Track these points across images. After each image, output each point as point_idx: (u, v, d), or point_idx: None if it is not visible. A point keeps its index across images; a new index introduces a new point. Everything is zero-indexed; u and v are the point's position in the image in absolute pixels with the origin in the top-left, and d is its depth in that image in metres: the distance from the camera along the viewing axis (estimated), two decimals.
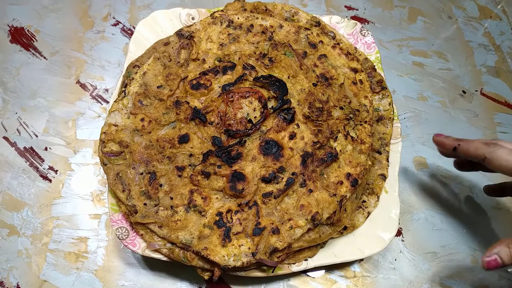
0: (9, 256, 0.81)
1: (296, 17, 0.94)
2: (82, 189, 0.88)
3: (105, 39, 1.06)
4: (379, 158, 0.84)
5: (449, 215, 0.92)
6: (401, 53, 1.12)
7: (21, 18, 1.07)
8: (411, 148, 0.99)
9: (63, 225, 0.84)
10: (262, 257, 0.68)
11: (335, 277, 0.83)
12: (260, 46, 0.88)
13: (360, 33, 0.95)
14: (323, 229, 0.73)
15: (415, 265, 0.86)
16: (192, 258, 0.70)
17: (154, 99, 0.81)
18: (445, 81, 1.09)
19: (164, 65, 0.84)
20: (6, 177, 0.88)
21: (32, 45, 1.03)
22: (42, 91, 0.98)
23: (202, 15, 0.95)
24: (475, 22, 1.19)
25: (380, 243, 0.77)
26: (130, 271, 0.81)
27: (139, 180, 0.74)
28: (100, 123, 0.94)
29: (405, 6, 1.19)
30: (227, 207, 0.73)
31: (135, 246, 0.73)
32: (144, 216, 0.71)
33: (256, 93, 0.81)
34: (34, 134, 0.93)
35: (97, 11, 1.09)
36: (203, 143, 0.78)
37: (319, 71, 0.86)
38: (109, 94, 0.98)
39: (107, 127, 0.77)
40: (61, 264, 0.81)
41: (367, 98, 0.84)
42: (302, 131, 0.78)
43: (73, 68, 1.01)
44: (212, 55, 0.86)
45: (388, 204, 0.80)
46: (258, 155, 0.76)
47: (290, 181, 0.73)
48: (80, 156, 0.91)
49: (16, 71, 1.00)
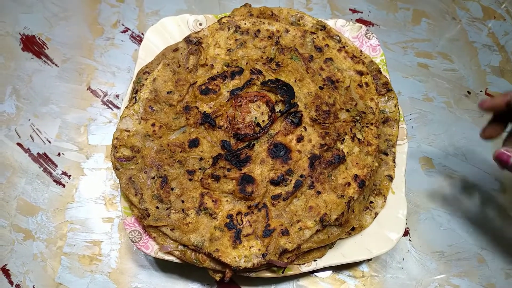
0: (25, 260, 0.83)
1: (301, 21, 0.95)
2: (94, 193, 0.90)
3: (114, 45, 1.08)
4: (386, 159, 0.85)
5: (455, 215, 0.93)
6: (406, 54, 1.13)
7: (32, 27, 1.09)
8: (417, 148, 1.00)
9: (77, 229, 0.86)
10: (272, 258, 0.69)
11: (344, 277, 0.85)
12: (267, 51, 0.90)
13: (365, 36, 0.96)
14: (331, 230, 0.74)
15: (422, 265, 0.87)
16: (203, 259, 0.72)
17: (164, 104, 0.83)
18: (450, 82, 1.10)
19: (174, 71, 0.86)
20: (20, 182, 0.90)
21: (43, 52, 1.06)
22: (54, 97, 1.00)
23: (210, 21, 0.96)
24: (479, 23, 1.20)
25: (388, 243, 0.78)
26: (143, 273, 0.83)
27: (151, 184, 0.76)
28: (111, 129, 0.96)
29: (409, 8, 1.20)
30: (237, 210, 0.74)
31: (148, 249, 0.75)
32: (156, 219, 0.73)
33: (263, 97, 0.82)
34: (47, 140, 0.95)
35: (106, 18, 1.11)
36: (213, 147, 0.80)
37: (325, 75, 0.87)
38: (119, 99, 1.00)
39: (119, 133, 0.79)
40: (76, 267, 0.83)
41: (373, 100, 0.86)
42: (310, 133, 0.80)
43: (84, 74, 1.03)
44: (220, 61, 0.88)
45: (395, 205, 0.82)
46: (267, 158, 0.78)
47: (298, 183, 0.75)
48: (92, 161, 0.93)
49: (29, 78, 1.02)
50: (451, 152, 1.00)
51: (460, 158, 0.99)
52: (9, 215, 0.87)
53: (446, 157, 0.99)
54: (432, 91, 1.08)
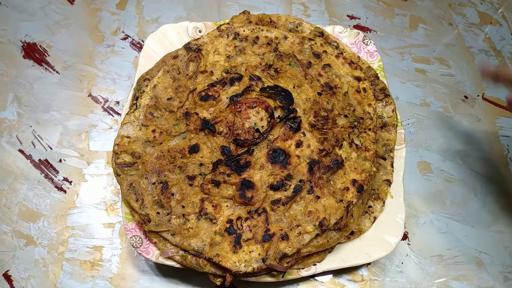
0: (27, 265, 0.84)
1: (300, 28, 0.97)
2: (95, 199, 0.91)
3: (115, 53, 1.09)
4: (384, 164, 0.86)
5: (453, 219, 0.93)
6: (403, 60, 1.14)
7: (33, 34, 1.10)
8: (415, 153, 1.01)
9: (78, 235, 0.87)
10: (272, 262, 0.70)
11: (343, 281, 0.85)
12: (265, 57, 0.91)
13: (362, 42, 0.97)
14: (330, 235, 0.75)
15: (421, 268, 0.88)
16: (204, 264, 0.72)
17: (164, 111, 0.84)
18: (447, 86, 1.11)
19: (174, 77, 0.87)
20: (22, 188, 0.91)
21: (44, 60, 1.07)
22: (55, 104, 1.01)
23: (209, 28, 0.98)
24: (476, 28, 1.21)
25: (387, 247, 0.79)
26: (144, 278, 0.83)
27: (151, 190, 0.77)
28: (112, 135, 0.97)
29: (406, 14, 1.22)
30: (237, 215, 0.75)
31: (149, 254, 0.75)
32: (157, 224, 0.74)
33: (263, 103, 0.83)
34: (48, 146, 0.96)
35: (107, 25, 1.13)
36: (213, 152, 0.80)
37: (323, 81, 0.88)
38: (120, 106, 1.01)
39: (120, 139, 0.80)
40: (77, 272, 0.83)
41: (370, 106, 0.87)
42: (308, 139, 0.81)
43: (85, 81, 1.04)
44: (220, 67, 0.89)
45: (393, 209, 0.82)
46: (266, 163, 0.78)
47: (297, 188, 0.76)
48: (93, 167, 0.94)
49: (30, 85, 1.03)
50: (449, 157, 1.01)
51: (457, 163, 1.00)
52: (11, 221, 0.87)
53: (444, 161, 1.00)
54: (430, 96, 1.09)
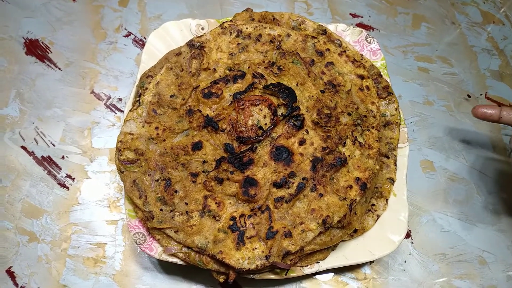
0: (30, 262, 0.84)
1: (303, 25, 0.96)
2: (98, 196, 0.90)
3: (117, 50, 1.09)
4: (387, 162, 0.86)
5: (456, 217, 0.93)
6: (406, 59, 1.14)
7: (35, 31, 1.10)
8: (418, 151, 1.01)
9: (81, 231, 0.87)
10: (275, 260, 0.70)
11: (346, 279, 0.85)
12: (268, 55, 0.91)
13: (365, 40, 0.97)
14: (334, 232, 0.75)
15: (424, 267, 0.88)
16: (207, 261, 0.72)
17: (167, 108, 0.84)
18: (450, 85, 1.11)
19: (176, 75, 0.87)
20: (25, 185, 0.91)
21: (47, 56, 1.07)
22: (57, 101, 1.01)
23: (212, 25, 0.97)
24: (478, 27, 1.21)
25: (390, 245, 0.79)
26: (147, 275, 0.83)
27: (155, 187, 0.77)
28: (115, 132, 0.97)
29: (408, 12, 1.22)
30: (240, 212, 0.75)
31: (152, 251, 0.75)
32: (160, 221, 0.74)
33: (266, 101, 0.83)
34: (51, 143, 0.96)
35: (109, 22, 1.12)
36: (216, 150, 0.80)
37: (326, 78, 0.88)
38: (122, 103, 1.01)
39: (123, 136, 0.80)
40: (80, 269, 0.83)
41: (374, 104, 0.86)
42: (312, 137, 0.81)
43: (87, 78, 1.04)
44: (223, 65, 0.89)
45: (397, 207, 0.82)
46: (269, 161, 0.78)
47: (301, 186, 0.76)
48: (96, 164, 0.94)
49: (32, 82, 1.03)
50: (452, 155, 1.01)
51: (460, 161, 1.00)
52: (14, 218, 0.87)
53: (446, 160, 1.00)
54: (432, 95, 1.09)
